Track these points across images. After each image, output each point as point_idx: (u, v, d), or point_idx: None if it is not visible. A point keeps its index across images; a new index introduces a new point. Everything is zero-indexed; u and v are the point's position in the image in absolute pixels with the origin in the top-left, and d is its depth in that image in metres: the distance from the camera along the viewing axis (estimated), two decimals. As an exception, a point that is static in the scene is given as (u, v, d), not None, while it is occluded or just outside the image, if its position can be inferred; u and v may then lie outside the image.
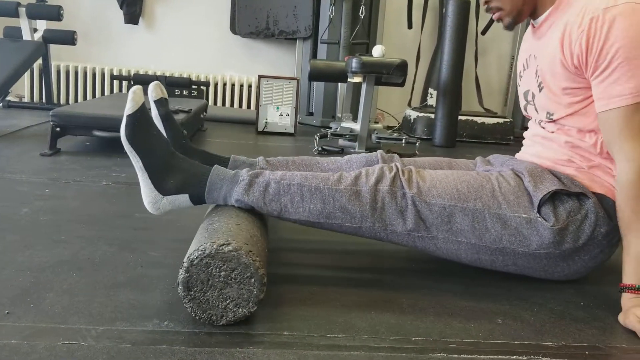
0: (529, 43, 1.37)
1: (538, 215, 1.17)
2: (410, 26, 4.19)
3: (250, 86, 4.36)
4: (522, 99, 1.41)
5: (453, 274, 1.32)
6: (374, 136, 3.10)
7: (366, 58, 2.96)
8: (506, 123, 3.91)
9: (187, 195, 1.19)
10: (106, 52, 4.29)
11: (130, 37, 4.28)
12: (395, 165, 1.25)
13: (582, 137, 1.23)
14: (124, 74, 4.19)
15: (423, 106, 4.30)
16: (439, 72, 3.59)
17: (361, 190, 1.19)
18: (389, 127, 4.05)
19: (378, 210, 1.18)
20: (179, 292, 0.96)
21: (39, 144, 2.54)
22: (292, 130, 3.57)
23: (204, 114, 3.45)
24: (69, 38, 3.74)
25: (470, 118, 3.88)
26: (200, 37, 4.33)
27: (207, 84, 3.97)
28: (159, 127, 1.33)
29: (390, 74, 2.95)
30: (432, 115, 3.74)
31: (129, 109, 1.14)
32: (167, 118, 1.42)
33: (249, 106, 4.38)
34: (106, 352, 0.86)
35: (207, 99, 4.18)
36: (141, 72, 4.18)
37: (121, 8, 4.17)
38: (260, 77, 3.52)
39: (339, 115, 3.98)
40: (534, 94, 1.33)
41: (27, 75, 4.11)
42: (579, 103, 1.21)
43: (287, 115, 3.55)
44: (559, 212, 1.18)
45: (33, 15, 3.61)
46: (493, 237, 1.19)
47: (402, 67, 2.95)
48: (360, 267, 1.33)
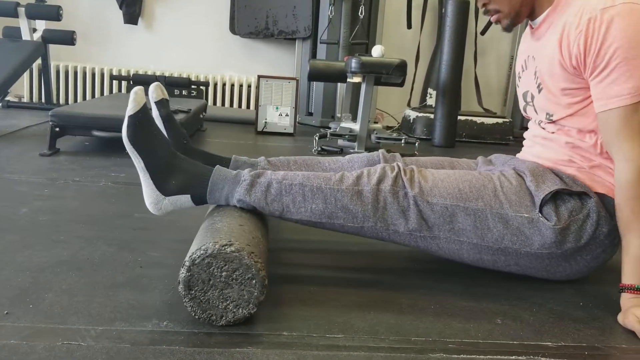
0: (527, 44, 1.37)
1: (540, 215, 1.17)
2: (409, 26, 4.19)
3: (249, 86, 4.36)
4: (522, 100, 1.41)
5: (452, 274, 1.32)
6: (373, 136, 3.10)
7: (365, 58, 2.96)
8: (505, 123, 3.91)
9: (188, 196, 1.19)
10: (105, 52, 4.29)
11: (130, 37, 4.28)
12: (397, 165, 1.24)
13: (582, 138, 1.23)
14: (123, 74, 4.19)
15: (422, 106, 4.30)
16: (438, 72, 3.59)
17: (363, 190, 1.19)
18: (388, 127, 4.05)
19: (380, 210, 1.18)
20: (180, 290, 0.96)
21: (38, 144, 2.53)
22: (291, 130, 3.56)
23: (204, 114, 3.45)
24: (68, 38, 3.73)
25: (470, 118, 3.88)
26: (200, 37, 4.32)
27: (206, 84, 3.97)
28: (159, 128, 1.33)
29: (389, 74, 2.95)
30: (432, 116, 3.74)
31: (130, 110, 1.14)
32: (168, 119, 1.42)
33: (248, 106, 4.38)
34: (105, 353, 0.86)
35: (206, 99, 4.18)
36: (140, 72, 4.18)
37: (120, 8, 4.16)
38: (259, 77, 3.52)
39: (339, 115, 3.98)
40: (533, 95, 1.33)
41: (26, 75, 4.11)
42: (578, 104, 1.21)
43: (287, 115, 3.55)
44: (561, 211, 1.18)
45: (32, 15, 3.61)
46: (495, 237, 1.19)
47: (401, 67, 2.95)
48: (360, 268, 1.33)
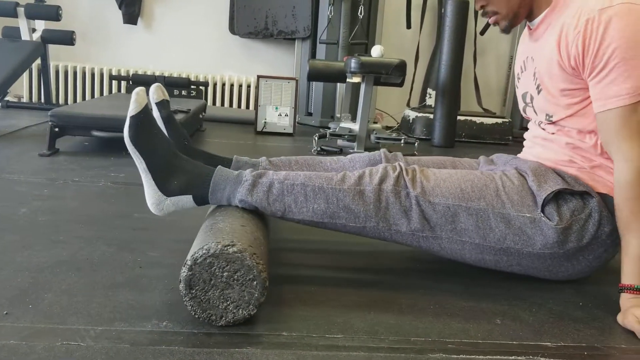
0: (525, 45, 1.37)
1: (542, 215, 1.17)
2: (409, 26, 4.19)
3: (249, 86, 4.36)
4: (521, 101, 1.41)
5: (452, 274, 1.32)
6: (372, 136, 3.10)
7: (365, 58, 2.96)
8: (505, 123, 3.91)
9: (190, 196, 1.19)
10: (105, 52, 4.29)
11: (129, 37, 4.28)
12: (399, 165, 1.24)
13: (583, 138, 1.23)
14: (122, 74, 4.19)
15: (422, 106, 4.30)
16: (438, 72, 3.59)
17: (365, 189, 1.19)
18: (387, 127, 4.05)
19: (382, 210, 1.18)
20: (180, 289, 0.96)
21: (37, 144, 2.53)
22: (291, 130, 3.56)
23: (203, 114, 3.45)
24: (67, 38, 3.73)
25: (469, 118, 3.89)
26: (199, 37, 4.32)
27: (205, 84, 3.96)
28: (161, 128, 1.33)
29: (389, 74, 2.95)
30: (431, 116, 3.74)
31: (132, 110, 1.14)
32: (168, 120, 1.42)
33: (247, 106, 4.38)
34: (105, 353, 0.86)
35: (205, 99, 4.18)
36: (140, 72, 4.18)
37: (120, 8, 4.16)
38: (259, 77, 3.52)
39: (338, 115, 3.98)
40: (532, 96, 1.33)
41: (25, 75, 4.11)
42: (577, 104, 1.21)
43: (286, 115, 3.55)
44: (563, 211, 1.18)
45: (31, 15, 3.61)
46: (497, 236, 1.19)
47: (400, 67, 2.95)
48: (359, 268, 1.33)
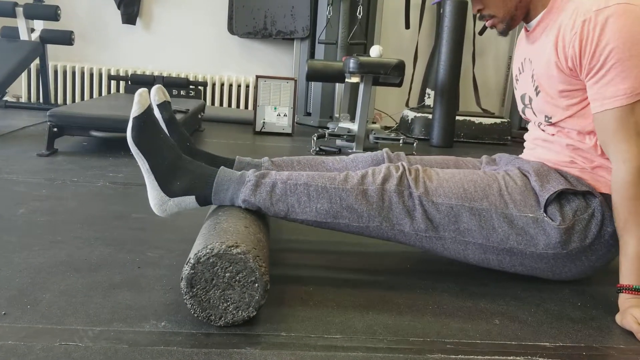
0: (523, 47, 1.37)
1: (544, 215, 1.17)
2: (407, 26, 4.19)
3: (247, 86, 4.35)
4: (520, 103, 1.41)
5: (451, 274, 1.33)
6: (371, 136, 3.10)
7: (364, 58, 2.96)
8: (504, 123, 3.91)
9: (193, 197, 1.19)
10: (103, 52, 4.29)
11: (128, 37, 4.28)
12: (402, 165, 1.24)
13: (582, 139, 1.23)
14: (121, 74, 4.18)
15: (421, 106, 4.30)
16: (437, 72, 3.59)
17: (368, 189, 1.19)
18: (386, 128, 4.04)
19: (385, 209, 1.18)
20: (181, 287, 0.96)
21: (36, 144, 2.53)
22: (289, 130, 3.56)
23: (202, 114, 3.45)
24: (66, 38, 3.73)
25: (468, 118, 3.89)
26: (198, 37, 4.32)
27: (204, 84, 3.96)
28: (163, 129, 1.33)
29: (387, 74, 2.95)
30: (430, 116, 3.74)
31: (135, 111, 1.14)
32: (170, 121, 1.41)
33: (246, 106, 4.38)
34: (103, 353, 0.86)
35: (204, 99, 4.18)
36: (139, 72, 4.18)
37: (119, 8, 4.16)
38: (257, 77, 3.52)
39: (337, 115, 3.98)
40: (530, 97, 1.33)
41: (24, 75, 4.10)
42: (576, 105, 1.21)
43: (285, 115, 3.55)
44: (565, 211, 1.18)
45: (30, 15, 3.60)
46: (500, 237, 1.19)
47: (399, 67, 2.95)
48: (358, 268, 1.33)
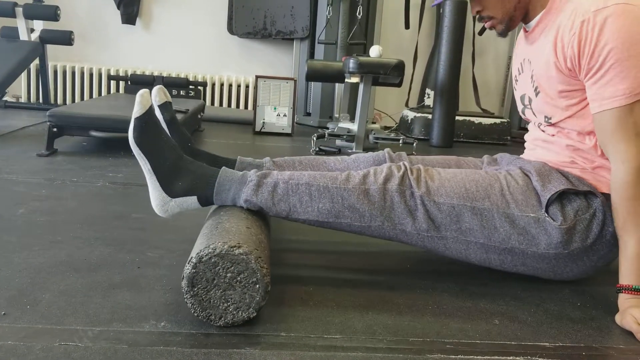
0: (522, 48, 1.37)
1: (546, 215, 1.17)
2: (407, 26, 4.19)
3: (247, 86, 4.35)
4: (520, 103, 1.41)
5: (450, 274, 1.33)
6: (371, 136, 3.10)
7: (363, 58, 2.96)
8: (503, 123, 3.91)
9: (195, 197, 1.19)
10: (103, 53, 4.29)
11: (128, 37, 4.28)
12: (404, 164, 1.24)
13: (582, 140, 1.23)
14: (121, 74, 4.18)
15: (420, 106, 4.30)
16: (436, 72, 3.59)
17: (370, 189, 1.19)
18: (386, 128, 4.04)
19: (387, 209, 1.18)
20: (182, 286, 0.96)
21: (35, 145, 2.53)
22: (289, 130, 3.56)
23: (201, 114, 3.45)
24: (65, 38, 3.73)
25: (468, 118, 3.89)
26: (198, 37, 4.32)
27: (204, 84, 3.96)
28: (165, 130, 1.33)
29: (387, 74, 2.95)
30: (430, 116, 3.74)
31: (136, 112, 1.14)
32: (171, 122, 1.41)
33: (246, 106, 4.38)
34: (103, 353, 0.86)
35: (204, 99, 4.18)
36: (138, 72, 4.18)
37: (118, 8, 4.16)
38: (257, 77, 3.52)
39: (337, 115, 3.98)
40: (530, 98, 1.33)
41: (24, 75, 4.10)
42: (575, 105, 1.21)
43: (285, 115, 3.55)
44: (567, 211, 1.18)
45: (30, 15, 3.60)
46: (502, 236, 1.19)
47: (399, 67, 2.95)
48: (358, 268, 1.33)
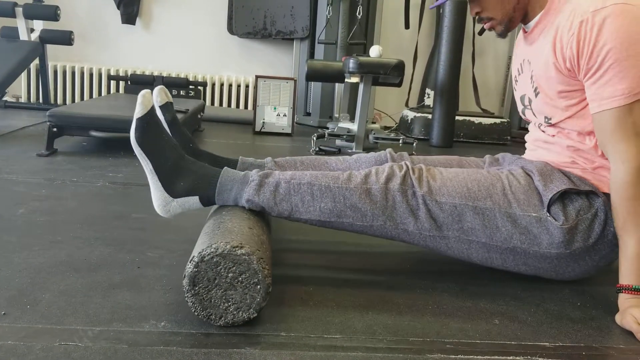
0: (521, 48, 1.37)
1: (548, 215, 1.17)
2: (407, 26, 4.19)
3: (247, 86, 4.35)
4: (520, 104, 1.41)
5: (450, 274, 1.33)
6: (371, 136, 3.10)
7: (363, 58, 2.96)
8: (503, 123, 3.91)
9: (197, 197, 1.19)
10: (103, 52, 4.29)
11: (128, 37, 4.28)
12: (405, 164, 1.25)
13: (583, 140, 1.23)
14: (121, 74, 4.18)
15: (420, 106, 4.30)
16: (436, 72, 3.59)
17: (371, 188, 1.19)
18: (386, 128, 4.04)
19: (389, 208, 1.18)
20: (184, 285, 0.96)
21: (35, 145, 2.53)
22: (289, 130, 3.56)
23: (201, 114, 3.45)
24: (65, 38, 3.73)
25: (468, 118, 3.89)
26: (198, 37, 4.32)
27: (204, 84, 3.96)
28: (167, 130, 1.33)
29: (387, 74, 2.95)
30: (430, 116, 3.74)
31: (138, 112, 1.14)
32: (173, 122, 1.41)
33: (246, 106, 4.38)
34: (103, 353, 0.86)
35: (204, 99, 4.18)
36: (138, 72, 4.17)
37: (118, 8, 4.16)
38: (257, 77, 3.52)
39: (337, 115, 3.98)
40: (530, 98, 1.33)
41: (23, 75, 4.10)
42: (575, 106, 1.21)
43: (285, 115, 3.55)
44: (569, 211, 1.18)
45: (30, 15, 3.60)
46: (504, 236, 1.19)
47: (399, 67, 2.95)
48: (357, 268, 1.33)
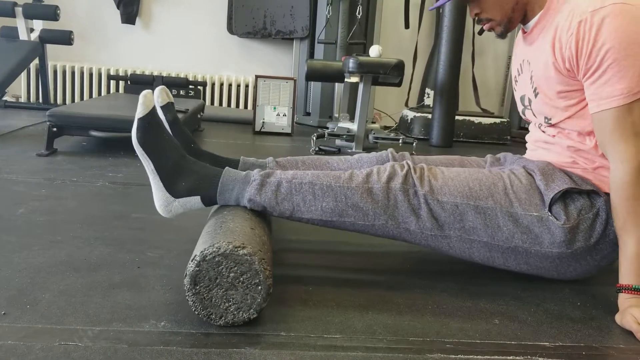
0: (521, 48, 1.37)
1: (549, 214, 1.17)
2: (407, 26, 4.19)
3: (247, 86, 4.35)
4: (520, 104, 1.41)
5: (450, 274, 1.33)
6: (371, 136, 3.10)
7: (363, 58, 2.96)
8: (503, 123, 3.91)
9: (198, 197, 1.19)
10: (103, 52, 4.28)
11: (127, 37, 4.28)
12: (407, 163, 1.25)
13: (583, 140, 1.23)
14: (120, 74, 4.18)
15: (420, 106, 4.30)
16: (436, 72, 3.59)
17: (373, 187, 1.19)
18: (386, 127, 4.04)
19: (391, 208, 1.18)
20: (185, 284, 0.96)
21: (35, 144, 2.53)
22: (289, 130, 3.56)
23: (201, 114, 3.45)
24: (65, 38, 3.73)
25: (467, 118, 3.89)
26: (197, 37, 4.32)
27: (204, 84, 3.96)
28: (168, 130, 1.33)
29: (387, 74, 2.95)
30: (429, 116, 3.74)
31: (140, 113, 1.14)
32: (174, 123, 1.41)
33: (246, 106, 4.38)
34: (103, 353, 0.86)
35: (204, 99, 4.18)
36: (138, 72, 4.17)
37: (118, 8, 4.16)
38: (257, 77, 3.52)
39: (336, 115, 3.98)
40: (530, 99, 1.33)
41: (23, 75, 4.10)
42: (575, 106, 1.21)
43: (284, 115, 3.55)
44: (570, 210, 1.18)
45: (29, 15, 3.60)
46: (505, 235, 1.19)
47: (399, 67, 2.95)
48: (357, 268, 1.33)
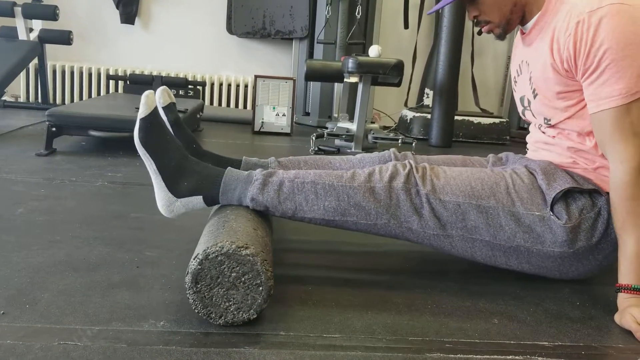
0: (519, 49, 1.38)
1: (551, 214, 1.18)
2: (406, 26, 4.19)
3: (246, 86, 4.35)
4: (519, 105, 1.41)
5: (449, 273, 1.33)
6: (370, 136, 3.10)
7: (362, 58, 2.96)
8: (502, 123, 3.91)
9: (200, 197, 1.19)
10: (102, 52, 4.28)
11: (127, 37, 4.27)
12: (409, 163, 1.25)
13: (583, 141, 1.24)
14: (120, 73, 4.18)
15: (419, 106, 4.30)
16: (435, 72, 3.59)
17: (375, 187, 1.19)
18: (385, 127, 4.05)
19: (393, 207, 1.19)
20: (186, 282, 0.96)
21: (34, 144, 2.53)
22: (288, 130, 3.56)
23: (200, 114, 3.45)
24: (64, 38, 3.73)
25: (467, 118, 3.89)
26: (197, 37, 4.32)
27: (203, 84, 3.96)
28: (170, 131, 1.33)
29: (386, 74, 2.95)
30: (429, 116, 3.74)
31: (142, 113, 1.14)
32: (176, 123, 1.41)
33: (245, 106, 4.38)
34: (102, 353, 0.86)
35: (203, 99, 4.18)
36: (137, 72, 4.17)
37: (117, 8, 4.16)
38: (256, 77, 3.52)
39: (336, 115, 3.98)
40: (529, 100, 1.34)
41: (22, 75, 4.10)
42: (574, 106, 1.21)
43: (284, 115, 3.55)
44: (572, 210, 1.18)
45: (29, 15, 3.60)
46: (507, 234, 1.19)
47: (398, 67, 2.95)
48: (357, 268, 1.33)
